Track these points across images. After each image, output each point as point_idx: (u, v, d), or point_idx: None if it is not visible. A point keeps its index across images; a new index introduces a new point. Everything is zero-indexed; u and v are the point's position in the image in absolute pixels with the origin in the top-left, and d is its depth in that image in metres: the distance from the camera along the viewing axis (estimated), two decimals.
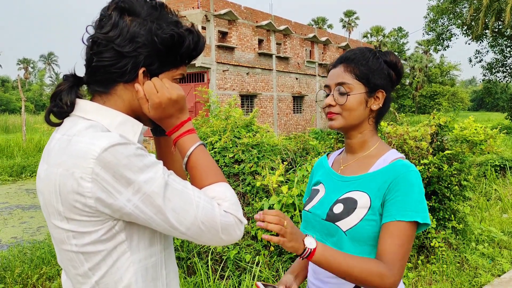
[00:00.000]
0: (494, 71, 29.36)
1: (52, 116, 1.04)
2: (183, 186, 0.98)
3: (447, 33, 28.72)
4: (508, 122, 26.16)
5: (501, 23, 25.07)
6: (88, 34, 1.03)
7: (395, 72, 1.40)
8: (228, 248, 3.93)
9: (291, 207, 3.96)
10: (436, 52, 30.75)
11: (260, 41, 25.73)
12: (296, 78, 27.58)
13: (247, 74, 23.24)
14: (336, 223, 1.31)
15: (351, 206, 1.31)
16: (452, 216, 4.55)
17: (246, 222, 1.04)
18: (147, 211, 0.94)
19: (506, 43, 27.94)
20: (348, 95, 1.34)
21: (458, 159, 4.64)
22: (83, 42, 1.04)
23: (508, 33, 26.27)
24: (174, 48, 1.04)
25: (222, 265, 3.90)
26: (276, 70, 25.61)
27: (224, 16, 21.56)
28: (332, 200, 1.37)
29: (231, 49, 22.09)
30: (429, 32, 29.28)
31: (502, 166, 8.88)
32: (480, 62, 29.57)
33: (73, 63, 1.09)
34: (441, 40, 29.02)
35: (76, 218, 0.95)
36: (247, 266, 3.81)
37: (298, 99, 28.01)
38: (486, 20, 23.62)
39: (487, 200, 6.98)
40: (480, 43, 28.21)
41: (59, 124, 1.04)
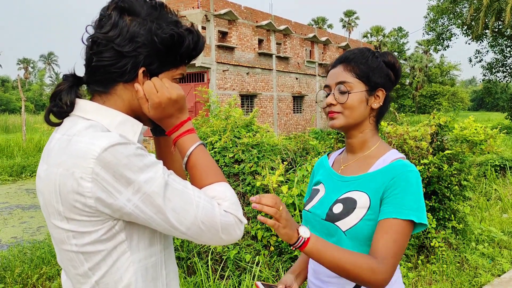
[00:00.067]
0: (494, 71, 29.36)
1: (51, 116, 1.03)
2: (183, 186, 0.98)
3: (447, 33, 28.72)
4: (508, 122, 26.15)
5: (501, 23, 25.07)
6: (88, 34, 1.03)
7: (393, 72, 1.40)
8: (228, 248, 3.93)
9: (291, 207, 3.96)
10: (436, 52, 30.75)
11: (260, 41, 25.73)
12: (296, 78, 27.58)
13: (247, 74, 23.24)
14: (335, 223, 1.31)
15: (350, 206, 1.31)
16: (452, 216, 4.55)
17: (246, 221, 1.04)
18: (147, 211, 0.94)
19: (506, 43, 27.94)
20: (349, 93, 1.34)
21: (458, 159, 4.64)
22: (83, 42, 1.04)
23: (508, 33, 26.26)
24: (174, 48, 1.04)
25: (222, 265, 3.90)
26: (276, 70, 25.61)
27: (224, 16, 21.56)
28: (332, 200, 1.37)
29: (231, 49, 22.09)
30: (429, 32, 29.29)
31: (502, 166, 8.88)
32: (480, 62, 29.57)
33: (73, 63, 1.09)
34: (441, 40, 29.03)
35: (76, 218, 0.95)
36: (247, 266, 3.81)
37: (298, 99, 28.01)
38: (486, 20, 23.62)
39: (487, 200, 6.98)
40: (480, 43, 28.21)
41: (59, 124, 1.04)
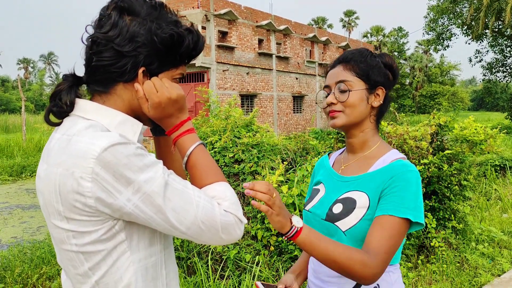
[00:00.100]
0: (494, 71, 29.36)
1: (51, 116, 1.03)
2: (183, 186, 0.98)
3: (447, 32, 28.73)
4: (508, 122, 26.15)
5: (501, 23, 25.07)
6: (88, 34, 1.03)
7: (391, 72, 1.41)
8: (228, 248, 3.93)
9: (291, 207, 3.96)
10: (436, 52, 30.76)
11: (260, 41, 25.73)
12: (296, 78, 27.58)
13: (247, 74, 23.24)
14: (335, 223, 1.31)
15: (350, 206, 1.31)
16: (452, 216, 4.55)
17: (246, 221, 1.04)
18: (147, 210, 0.94)
19: (506, 43, 27.94)
20: (350, 91, 1.34)
21: (458, 159, 4.64)
22: (83, 42, 1.04)
23: (508, 33, 26.26)
24: (174, 48, 1.04)
25: (222, 265, 3.90)
26: (276, 70, 25.61)
27: (224, 16, 21.56)
28: (331, 200, 1.37)
29: (231, 49, 22.09)
30: (429, 32, 29.30)
31: (502, 166, 8.87)
32: (480, 62, 29.57)
33: (73, 63, 1.09)
34: (441, 40, 29.04)
35: (76, 218, 0.95)
36: (247, 266, 3.81)
37: (298, 99, 28.01)
38: (486, 20, 23.62)
39: (487, 200, 6.98)
40: (480, 43, 28.21)
41: (58, 124, 1.04)
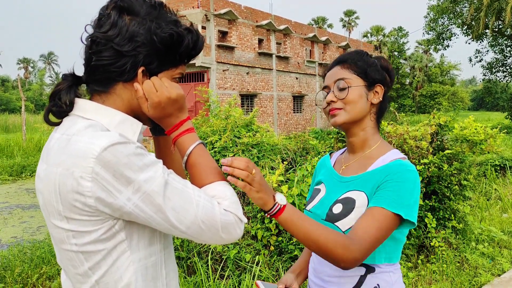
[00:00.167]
0: (494, 70, 29.35)
1: (51, 116, 1.03)
2: (183, 185, 0.98)
3: (447, 32, 28.72)
4: (508, 122, 26.15)
5: (501, 23, 25.06)
6: (87, 33, 1.03)
7: (387, 74, 1.42)
8: (228, 247, 3.93)
9: None
10: (436, 52, 30.75)
11: (260, 40, 25.73)
12: (296, 78, 27.58)
13: (247, 73, 23.24)
14: (335, 223, 1.31)
15: (349, 206, 1.31)
16: (452, 215, 4.55)
17: (246, 221, 1.04)
18: (147, 210, 0.94)
19: (506, 42, 27.93)
20: (349, 88, 1.35)
21: (458, 159, 4.65)
22: (82, 42, 1.04)
23: (508, 32, 26.25)
24: (173, 47, 1.04)
25: (222, 264, 3.90)
26: (276, 70, 25.61)
27: (224, 16, 21.55)
28: (332, 200, 1.38)
29: (231, 48, 22.09)
30: (429, 32, 29.28)
31: (502, 165, 8.87)
32: (480, 61, 29.56)
33: (73, 62, 1.09)
34: (441, 40, 29.02)
35: (76, 218, 0.95)
36: (247, 265, 3.81)
37: (298, 99, 28.01)
38: (486, 20, 23.62)
39: (487, 200, 6.98)
40: (480, 42, 28.21)
41: (58, 124, 1.04)
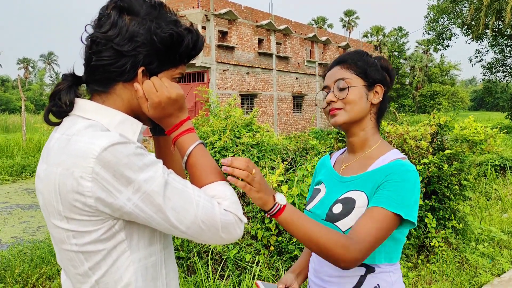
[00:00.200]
0: (494, 70, 29.35)
1: (51, 116, 1.03)
2: (183, 185, 0.98)
3: (447, 32, 28.71)
4: (508, 122, 26.15)
5: (501, 23, 25.06)
6: (87, 33, 1.03)
7: (387, 74, 1.42)
8: (228, 247, 3.93)
9: None
10: (436, 52, 30.74)
11: (260, 40, 25.73)
12: (296, 78, 27.57)
13: (247, 73, 23.24)
14: (335, 223, 1.31)
15: (349, 206, 1.31)
16: (452, 215, 4.55)
17: (246, 220, 1.04)
18: (147, 210, 0.94)
19: (506, 42, 27.93)
20: (349, 87, 1.35)
21: (458, 159, 4.65)
22: (82, 42, 1.04)
23: (508, 32, 26.25)
24: (173, 47, 1.04)
25: (222, 264, 3.90)
26: (276, 70, 25.60)
27: (224, 16, 21.55)
28: (332, 200, 1.38)
29: (231, 48, 22.08)
30: (429, 32, 29.27)
31: (502, 165, 8.87)
32: (480, 61, 29.55)
33: (73, 62, 1.09)
34: (441, 40, 29.02)
35: (76, 218, 0.95)
36: (247, 265, 3.81)
37: (298, 99, 28.01)
38: (487, 20, 23.62)
39: (487, 200, 6.98)
40: (480, 42, 28.20)
41: (58, 124, 1.04)
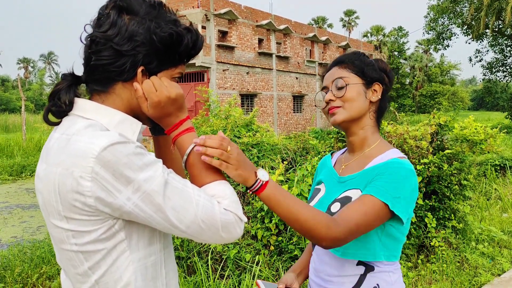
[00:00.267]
0: (494, 70, 29.34)
1: (50, 115, 1.03)
2: (182, 185, 0.98)
3: (447, 32, 28.71)
4: (508, 122, 26.15)
5: (501, 23, 25.05)
6: (86, 33, 1.03)
7: (386, 76, 1.43)
8: (228, 247, 3.93)
9: None
10: (436, 52, 30.72)
11: (260, 40, 25.72)
12: (296, 78, 27.57)
13: (247, 73, 23.24)
14: None
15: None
16: (452, 215, 4.55)
17: (246, 220, 1.04)
18: (147, 209, 0.94)
19: (506, 42, 27.93)
20: (347, 85, 1.36)
21: (458, 159, 4.65)
22: (81, 41, 1.04)
23: (508, 32, 26.25)
24: (173, 47, 1.04)
25: (222, 264, 3.90)
26: (276, 70, 25.60)
27: (224, 16, 21.55)
28: (330, 199, 1.38)
29: (231, 48, 22.08)
30: (429, 32, 29.27)
31: (502, 165, 8.87)
32: (480, 61, 29.55)
33: (72, 62, 1.09)
34: (441, 40, 29.01)
35: (76, 217, 0.94)
36: (247, 265, 3.81)
37: (298, 99, 28.01)
38: (487, 20, 23.61)
39: (487, 200, 6.98)
40: (480, 42, 28.20)
41: (58, 123, 1.04)
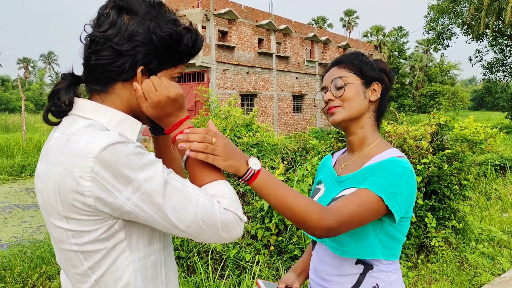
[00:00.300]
0: (494, 70, 29.34)
1: (50, 115, 1.03)
2: (182, 184, 0.98)
3: (447, 32, 28.70)
4: (508, 122, 26.15)
5: (501, 23, 25.05)
6: (86, 33, 1.03)
7: (386, 76, 1.43)
8: (228, 247, 3.93)
9: None
10: (436, 52, 30.72)
11: (260, 40, 25.72)
12: (296, 78, 27.57)
13: (247, 73, 23.23)
14: None
15: None
16: (452, 215, 4.55)
17: (246, 219, 1.04)
18: (147, 209, 0.94)
19: (506, 42, 27.92)
20: (346, 85, 1.36)
21: (458, 159, 4.65)
22: (81, 41, 1.04)
23: (508, 32, 26.24)
24: (173, 47, 1.04)
25: (222, 264, 3.90)
26: (276, 70, 25.60)
27: (224, 16, 21.55)
28: (329, 199, 1.39)
29: (231, 48, 22.08)
30: (429, 31, 29.26)
31: (502, 165, 8.87)
32: (480, 61, 29.54)
33: (72, 62, 1.09)
34: (441, 39, 29.01)
35: (76, 217, 0.94)
36: (247, 265, 3.81)
37: (298, 99, 28.01)
38: (487, 20, 23.61)
39: (487, 200, 6.98)
40: (480, 42, 28.19)
41: (57, 123, 1.04)
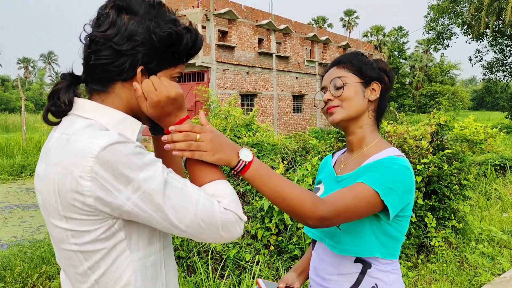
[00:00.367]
0: (494, 70, 29.33)
1: (50, 115, 1.03)
2: (182, 184, 0.98)
3: (447, 32, 28.70)
4: (508, 121, 26.15)
5: (501, 22, 25.05)
6: (86, 33, 1.03)
7: (386, 76, 1.43)
8: (228, 247, 3.93)
9: None
10: (436, 51, 30.72)
11: (260, 40, 25.72)
12: (296, 78, 27.57)
13: (247, 73, 23.24)
14: None
15: None
16: (452, 215, 4.55)
17: (246, 219, 1.04)
18: (147, 209, 0.94)
19: (506, 42, 27.92)
20: (345, 84, 1.37)
21: (458, 158, 4.65)
22: (81, 41, 1.04)
23: (508, 32, 26.24)
24: (172, 46, 1.04)
25: (222, 264, 3.90)
26: (276, 69, 25.60)
27: (224, 15, 21.55)
28: None
29: (231, 48, 22.08)
30: (429, 31, 29.26)
31: (502, 165, 8.86)
32: (480, 61, 29.53)
33: (72, 62, 1.09)
34: (441, 39, 29.01)
35: (75, 217, 0.94)
36: (247, 265, 3.81)
37: (298, 99, 28.01)
38: (487, 19, 23.61)
39: (487, 200, 6.98)
40: (480, 42, 28.19)
41: (57, 123, 1.04)
